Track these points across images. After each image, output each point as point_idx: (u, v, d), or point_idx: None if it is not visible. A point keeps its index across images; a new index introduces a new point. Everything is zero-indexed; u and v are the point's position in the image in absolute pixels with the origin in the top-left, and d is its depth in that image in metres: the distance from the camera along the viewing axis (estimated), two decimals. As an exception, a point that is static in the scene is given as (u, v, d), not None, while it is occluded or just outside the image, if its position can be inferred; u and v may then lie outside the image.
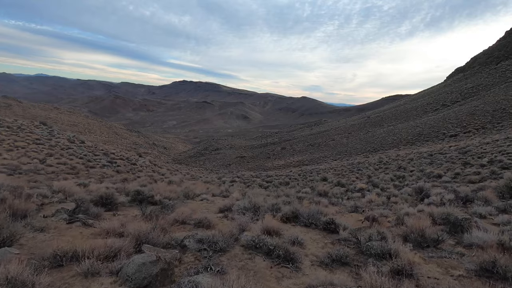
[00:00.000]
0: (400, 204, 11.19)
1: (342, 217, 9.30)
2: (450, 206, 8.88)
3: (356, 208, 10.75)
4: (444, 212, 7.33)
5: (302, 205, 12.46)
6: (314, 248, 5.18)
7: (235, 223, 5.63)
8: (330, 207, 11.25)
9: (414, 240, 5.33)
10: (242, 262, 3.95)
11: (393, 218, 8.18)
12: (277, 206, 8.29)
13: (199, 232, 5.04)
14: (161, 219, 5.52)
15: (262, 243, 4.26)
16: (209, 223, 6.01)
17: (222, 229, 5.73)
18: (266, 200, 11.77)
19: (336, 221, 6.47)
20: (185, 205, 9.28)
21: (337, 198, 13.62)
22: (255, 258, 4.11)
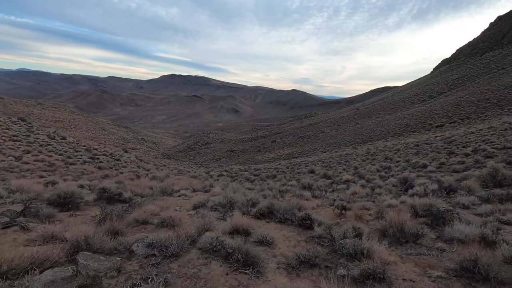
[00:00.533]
0: (384, 196, 10.91)
1: (322, 210, 8.93)
2: (433, 197, 8.58)
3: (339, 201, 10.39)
4: (426, 203, 7.01)
5: (284, 198, 12.11)
6: (285, 248, 4.73)
7: (200, 222, 5.12)
8: (312, 201, 10.88)
9: (392, 236, 4.94)
10: (194, 269, 3.45)
11: (374, 210, 7.84)
12: (253, 201, 7.82)
13: (160, 233, 4.53)
14: (116, 220, 4.96)
15: (220, 245, 3.76)
16: (173, 223, 5.48)
17: (187, 228, 5.23)
18: (245, 195, 11.29)
19: (312, 216, 6.04)
20: (158, 202, 8.73)
21: (321, 190, 13.28)
22: (211, 263, 3.61)
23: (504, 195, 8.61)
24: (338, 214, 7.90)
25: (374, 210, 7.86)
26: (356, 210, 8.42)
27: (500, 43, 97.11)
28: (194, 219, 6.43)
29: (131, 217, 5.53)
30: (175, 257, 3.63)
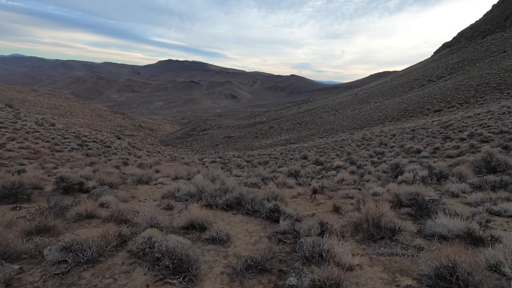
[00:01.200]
0: (371, 183, 10.34)
1: (302, 200, 8.34)
2: (422, 184, 8.01)
3: (323, 188, 9.79)
4: (412, 192, 6.40)
5: (265, 187, 11.53)
6: (242, 246, 4.12)
7: (147, 216, 4.48)
8: (295, 188, 10.28)
9: (366, 231, 4.32)
10: (110, 278, 2.81)
11: (356, 199, 7.24)
12: (224, 190, 7.19)
13: (93, 230, 3.90)
14: (48, 215, 4.31)
15: (149, 248, 3.12)
16: (121, 217, 4.83)
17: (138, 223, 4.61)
18: (223, 183, 10.67)
19: (281, 208, 5.41)
20: (125, 191, 8.08)
21: (307, 177, 12.66)
22: (134, 270, 2.98)
23: (498, 182, 8.01)
24: (311, 199, 7.46)
25: (357, 199, 7.27)
26: (338, 199, 7.82)
27: (502, 25, 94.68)
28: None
29: (74, 210, 4.88)
30: (93, 263, 3.00)
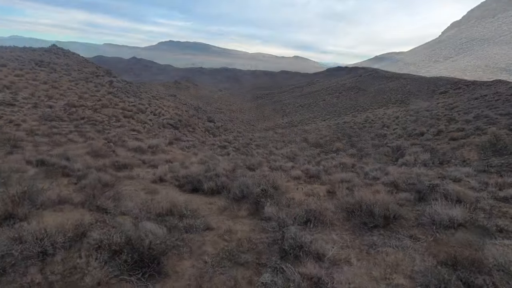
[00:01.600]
0: (371, 165, 9.96)
1: (296, 184, 8.00)
2: (422, 167, 7.62)
3: (319, 172, 9.44)
4: (410, 176, 5.99)
5: (260, 171, 11.17)
6: (221, 235, 3.77)
7: (122, 204, 4.12)
8: (290, 172, 9.94)
9: (358, 218, 3.95)
10: (59, 275, 2.46)
11: (352, 184, 6.87)
12: (211, 175, 6.83)
13: (55, 218, 3.55)
14: (15, 201, 3.95)
15: (107, 240, 2.76)
16: (95, 204, 4.49)
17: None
18: (213, 168, 10.34)
19: (270, 193, 5.04)
20: (111, 175, 7.77)
21: (306, 161, 12.30)
22: (88, 266, 2.62)
23: (504, 165, 7.57)
24: (304, 184, 7.04)
25: (352, 184, 6.90)
26: (333, 183, 7.47)
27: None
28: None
29: (44, 196, 4.53)
30: (44, 257, 2.65)
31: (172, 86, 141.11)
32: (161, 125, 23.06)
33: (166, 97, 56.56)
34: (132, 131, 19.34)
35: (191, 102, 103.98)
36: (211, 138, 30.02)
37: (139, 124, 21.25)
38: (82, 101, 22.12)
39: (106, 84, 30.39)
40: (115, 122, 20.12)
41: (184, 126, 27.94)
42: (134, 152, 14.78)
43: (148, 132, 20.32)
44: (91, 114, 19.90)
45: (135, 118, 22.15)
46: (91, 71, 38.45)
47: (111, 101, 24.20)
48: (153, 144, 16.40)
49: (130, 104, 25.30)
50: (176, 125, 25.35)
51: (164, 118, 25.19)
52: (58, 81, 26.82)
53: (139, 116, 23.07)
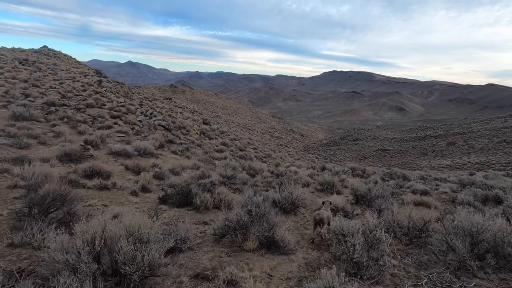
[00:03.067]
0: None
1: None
2: None
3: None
4: None
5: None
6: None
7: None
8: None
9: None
10: None
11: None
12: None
13: None
14: None
15: None
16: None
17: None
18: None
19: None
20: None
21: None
22: None
23: None
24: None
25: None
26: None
27: None
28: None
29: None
30: None
31: (168, 90, 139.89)
32: (152, 127, 21.14)
33: (160, 99, 54.76)
34: (118, 132, 17.44)
35: (187, 105, 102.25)
36: (207, 141, 28.15)
37: (127, 126, 19.35)
38: (64, 100, 20.18)
39: (95, 84, 28.44)
40: (100, 123, 18.21)
41: (177, 128, 26.06)
42: (117, 156, 12.87)
43: (136, 134, 18.40)
44: (73, 114, 17.96)
45: (123, 119, 20.24)
46: (81, 71, 36.50)
47: (98, 101, 22.25)
48: (140, 147, 14.48)
49: (119, 104, 23.37)
50: (169, 127, 23.46)
51: (155, 120, 23.29)
52: (40, 79, 24.85)
53: (128, 117, 21.15)
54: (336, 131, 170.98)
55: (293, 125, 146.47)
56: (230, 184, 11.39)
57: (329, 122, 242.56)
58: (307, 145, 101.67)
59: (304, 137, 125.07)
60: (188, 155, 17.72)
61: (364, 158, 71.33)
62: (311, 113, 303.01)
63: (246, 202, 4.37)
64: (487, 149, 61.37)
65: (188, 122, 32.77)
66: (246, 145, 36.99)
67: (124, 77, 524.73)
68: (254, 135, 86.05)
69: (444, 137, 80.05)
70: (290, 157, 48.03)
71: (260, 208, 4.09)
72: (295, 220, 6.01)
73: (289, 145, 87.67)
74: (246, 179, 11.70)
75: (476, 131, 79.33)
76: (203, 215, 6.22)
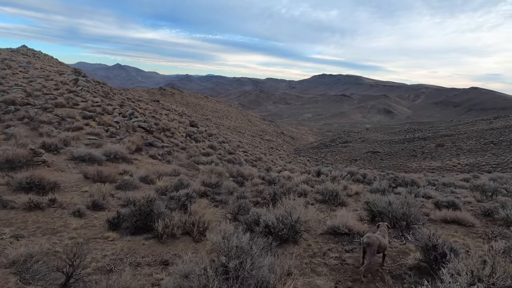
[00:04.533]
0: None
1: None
2: None
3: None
4: None
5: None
6: None
7: None
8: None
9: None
10: None
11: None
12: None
13: None
14: None
15: None
16: None
17: None
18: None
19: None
20: None
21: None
22: None
23: None
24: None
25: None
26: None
27: None
28: None
29: None
30: None
31: (157, 92, 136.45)
32: (130, 129, 19.10)
33: (146, 101, 52.38)
34: (89, 135, 15.37)
35: (176, 108, 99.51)
36: (193, 144, 26.20)
37: (101, 127, 17.27)
38: (30, 99, 17.95)
39: (70, 82, 26.18)
40: (69, 124, 16.10)
41: (161, 130, 24.05)
42: (80, 161, 10.87)
43: (111, 136, 16.35)
44: (37, 114, 15.82)
45: (97, 119, 18.13)
46: (58, 70, 34.05)
47: (70, 100, 20.08)
48: (111, 150, 12.47)
49: (94, 104, 21.23)
50: (150, 129, 21.44)
51: (135, 121, 21.22)
52: (6, 77, 22.49)
53: (103, 118, 19.06)
54: (326, 133, 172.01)
55: (284, 128, 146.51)
56: (214, 194, 9.60)
57: (319, 124, 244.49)
58: (297, 148, 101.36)
59: (295, 139, 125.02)
60: (169, 160, 15.80)
61: (355, 161, 71.23)
62: (301, 116, 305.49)
63: (221, 247, 2.61)
64: (475, 150, 61.87)
65: (174, 124, 30.74)
66: (235, 148, 35.17)
67: (113, 80, 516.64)
68: (244, 138, 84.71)
69: (432, 139, 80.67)
70: (282, 160, 46.58)
71: (244, 261, 2.34)
72: (298, 253, 4.27)
73: (280, 148, 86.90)
74: (233, 188, 9.91)
75: (463, 133, 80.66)
76: (166, 248, 4.42)
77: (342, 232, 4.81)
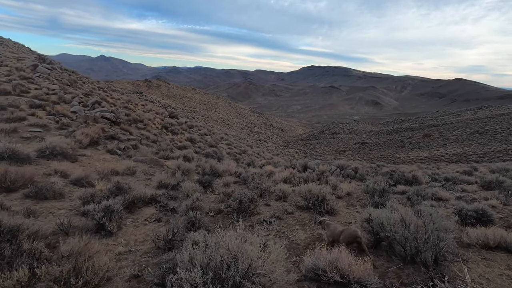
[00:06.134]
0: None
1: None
2: None
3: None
4: None
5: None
6: None
7: None
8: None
9: None
10: None
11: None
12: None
13: None
14: None
15: None
16: None
17: None
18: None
19: None
20: None
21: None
22: None
23: None
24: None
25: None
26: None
27: None
28: None
29: None
30: None
31: (142, 85, 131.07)
32: (90, 119, 16.58)
33: (120, 90, 49.05)
34: (32, 126, 12.85)
35: (162, 100, 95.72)
36: (169, 136, 23.83)
37: (51, 118, 14.72)
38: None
39: (27, 69, 23.24)
40: (11, 113, 13.51)
41: (132, 121, 21.55)
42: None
43: (61, 128, 13.84)
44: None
45: (47, 109, 15.54)
46: (17, 56, 30.67)
47: (18, 87, 17.32)
48: (47, 146, 10.11)
49: (50, 91, 18.55)
50: (117, 120, 18.94)
51: (98, 111, 18.68)
52: None
53: (57, 107, 16.46)
54: (315, 125, 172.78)
55: (273, 120, 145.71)
56: (168, 199, 7.43)
57: (308, 116, 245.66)
58: (287, 140, 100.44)
59: (284, 131, 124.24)
60: (131, 155, 13.50)
61: (344, 152, 70.99)
62: (291, 108, 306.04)
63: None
64: (462, 140, 62.03)
65: (149, 115, 28.16)
66: (218, 140, 32.91)
67: (97, 73, 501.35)
68: (232, 130, 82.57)
69: (419, 129, 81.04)
70: (269, 153, 44.62)
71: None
72: None
73: (268, 140, 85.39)
74: (193, 190, 7.78)
75: (449, 123, 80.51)
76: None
77: (331, 281, 2.79)
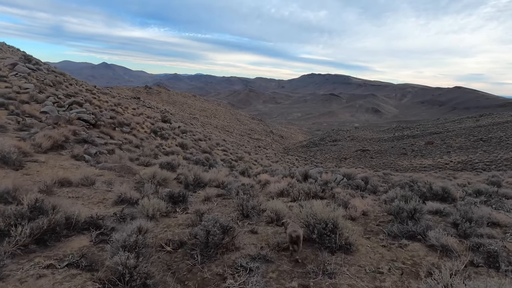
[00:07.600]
0: None
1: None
2: None
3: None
4: None
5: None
6: None
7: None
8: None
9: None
10: None
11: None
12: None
13: None
14: None
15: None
16: None
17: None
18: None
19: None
20: None
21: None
22: None
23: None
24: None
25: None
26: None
27: None
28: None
29: None
30: None
31: (142, 91, 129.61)
32: (63, 121, 14.62)
33: (110, 94, 47.21)
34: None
35: (161, 106, 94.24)
36: (157, 141, 21.84)
37: (13, 117, 12.78)
38: None
39: (5, 67, 21.47)
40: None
41: (116, 125, 19.63)
42: None
43: (21, 129, 11.86)
44: None
45: (11, 108, 13.62)
46: (2, 56, 29.02)
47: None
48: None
49: (21, 90, 16.71)
50: (97, 123, 17.02)
51: (75, 112, 16.76)
52: None
53: (24, 106, 14.58)
54: (316, 132, 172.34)
55: (273, 127, 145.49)
56: (120, 220, 5.41)
57: (308, 123, 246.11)
58: (287, 147, 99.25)
59: (284, 138, 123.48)
60: (101, 161, 11.49)
61: (345, 159, 69.61)
62: (291, 115, 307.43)
63: None
64: (466, 147, 60.49)
65: (139, 118, 26.28)
66: (213, 146, 30.93)
67: (99, 79, 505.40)
68: (232, 137, 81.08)
69: (421, 137, 79.97)
70: (267, 160, 42.64)
71: None
72: None
73: (268, 147, 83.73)
74: (157, 209, 5.72)
75: (451, 131, 79.29)
76: None
77: None
